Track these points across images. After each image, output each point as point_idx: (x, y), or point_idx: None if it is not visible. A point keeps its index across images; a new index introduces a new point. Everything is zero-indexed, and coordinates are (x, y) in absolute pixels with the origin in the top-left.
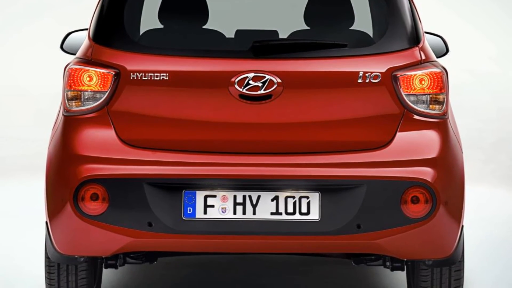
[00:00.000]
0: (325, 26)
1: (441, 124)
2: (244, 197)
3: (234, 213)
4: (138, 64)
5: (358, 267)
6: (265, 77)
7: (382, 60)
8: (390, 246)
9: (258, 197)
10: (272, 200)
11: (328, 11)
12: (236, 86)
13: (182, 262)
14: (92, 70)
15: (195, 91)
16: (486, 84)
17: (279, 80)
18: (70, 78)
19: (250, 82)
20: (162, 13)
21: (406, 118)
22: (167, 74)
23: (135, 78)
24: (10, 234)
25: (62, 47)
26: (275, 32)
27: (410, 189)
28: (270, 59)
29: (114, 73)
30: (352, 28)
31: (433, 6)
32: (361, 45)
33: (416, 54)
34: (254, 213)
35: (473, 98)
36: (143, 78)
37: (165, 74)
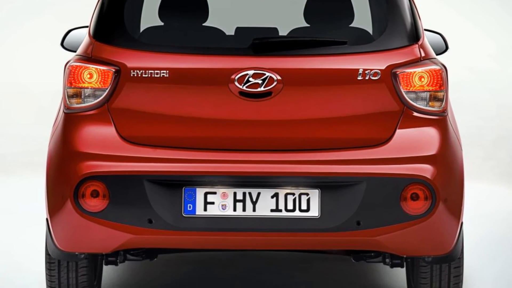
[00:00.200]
0: (325, 23)
1: (440, 121)
2: (244, 194)
3: (234, 210)
4: (139, 61)
5: (358, 264)
6: (265, 74)
7: (382, 57)
8: (389, 243)
9: (258, 194)
10: (272, 197)
11: (328, 9)
12: (236, 83)
13: (182, 259)
14: (92, 67)
15: (195, 88)
16: (486, 81)
17: (279, 77)
18: (71, 75)
19: (250, 79)
20: (162, 10)
21: (405, 115)
22: (167, 71)
23: (136, 75)
24: (10, 231)
25: (62, 45)
26: (275, 29)
27: (410, 186)
28: (270, 56)
29: (114, 70)
30: (351, 25)
31: (432, 3)
32: (360, 42)
33: (415, 51)
34: (254, 210)
35: (472, 95)
36: (144, 75)
37: (165, 71)
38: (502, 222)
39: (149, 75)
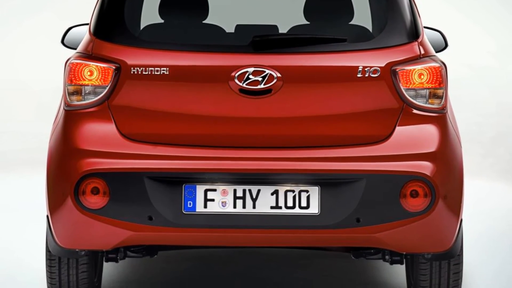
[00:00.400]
0: (324, 20)
1: (440, 118)
2: (244, 191)
3: (234, 207)
4: (139, 58)
5: (358, 261)
6: (265, 71)
7: (382, 54)
8: (389, 239)
9: (258, 191)
10: (272, 194)
11: (327, 6)
12: (236, 80)
13: (182, 256)
14: (93, 64)
15: (195, 86)
16: (485, 78)
17: (279, 74)
18: (71, 73)
19: (250, 76)
20: (162, 8)
21: (405, 113)
22: (168, 68)
23: (136, 72)
24: (11, 228)
25: (63, 42)
26: (275, 26)
27: (409, 183)
28: (270, 54)
29: (114, 67)
30: (351, 23)
31: (432, 1)
32: (360, 39)
33: (415, 48)
34: (254, 207)
35: (472, 93)
36: (144, 73)
37: (165, 68)
38: (501, 219)
39: (149, 73)
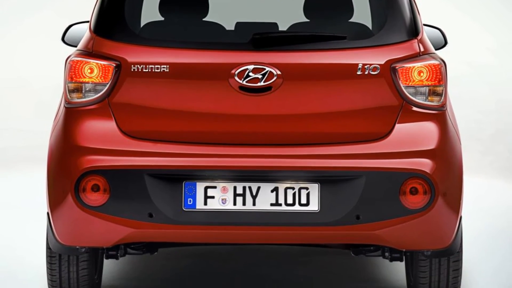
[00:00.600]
0: (324, 18)
1: (439, 115)
2: (244, 188)
3: (234, 204)
4: (139, 56)
5: (357, 258)
6: (265, 69)
7: (381, 52)
8: (389, 236)
9: (258, 188)
10: (272, 191)
11: (327, 4)
12: (236, 78)
13: (183, 253)
14: (93, 62)
15: (196, 83)
16: (485, 75)
17: (279, 72)
18: (71, 70)
19: (250, 74)
20: (162, 5)
21: (405, 110)
22: (168, 66)
23: (136, 70)
24: (11, 225)
25: (63, 39)
26: (275, 24)
27: (409, 180)
28: (270, 51)
29: (115, 65)
30: (351, 20)
31: None
32: (360, 37)
33: (415, 46)
34: (254, 204)
35: (471, 90)
36: (144, 70)
37: (165, 66)
38: (500, 216)
39: (149, 70)
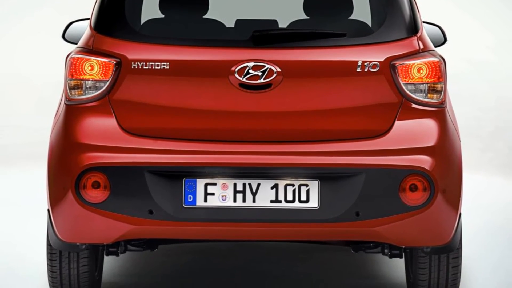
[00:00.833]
0: (324, 15)
1: (439, 112)
2: (244, 185)
3: (234, 201)
4: (139, 53)
5: (357, 254)
6: (264, 66)
7: (381, 49)
8: (388, 233)
9: (258, 185)
10: (271, 188)
11: (327, 1)
12: (236, 75)
13: (183, 250)
14: (93, 59)
15: (196, 80)
16: (484, 73)
17: (279, 69)
18: (72, 67)
19: (250, 71)
20: (162, 3)
21: (404, 107)
22: (168, 63)
23: (136, 67)
24: (12, 222)
25: (64, 37)
26: (275, 21)
27: (409, 177)
28: (269, 49)
29: (115, 62)
30: (351, 17)
31: None
32: (360, 34)
33: (414, 43)
34: (254, 201)
35: (471, 87)
36: (144, 67)
37: (166, 63)
38: (500, 213)
39: (149, 67)
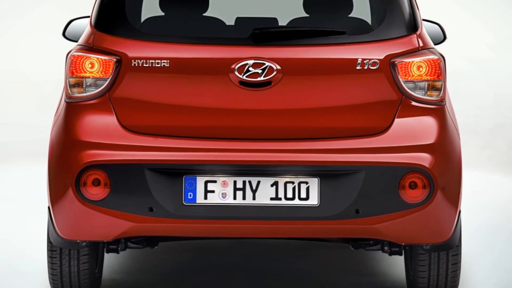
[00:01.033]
0: (324, 13)
1: (438, 110)
2: (244, 182)
3: (234, 198)
4: (140, 51)
5: (357, 252)
6: (264, 64)
7: (381, 47)
8: (388, 231)
9: (258, 182)
10: (271, 185)
11: None
12: (236, 73)
13: (183, 247)
14: (94, 57)
15: (196, 78)
16: (483, 70)
17: (279, 67)
18: (72, 65)
19: (250, 69)
20: (163, 0)
21: (404, 105)
22: (168, 61)
23: (137, 65)
24: (12, 219)
25: (64, 34)
26: (275, 19)
27: (408, 174)
28: (269, 46)
29: (115, 60)
30: (350, 15)
31: None
32: (359, 32)
33: (414, 41)
34: (254, 198)
35: (470, 85)
36: (144, 65)
37: (166, 61)
38: (499, 211)
39: (150, 65)
